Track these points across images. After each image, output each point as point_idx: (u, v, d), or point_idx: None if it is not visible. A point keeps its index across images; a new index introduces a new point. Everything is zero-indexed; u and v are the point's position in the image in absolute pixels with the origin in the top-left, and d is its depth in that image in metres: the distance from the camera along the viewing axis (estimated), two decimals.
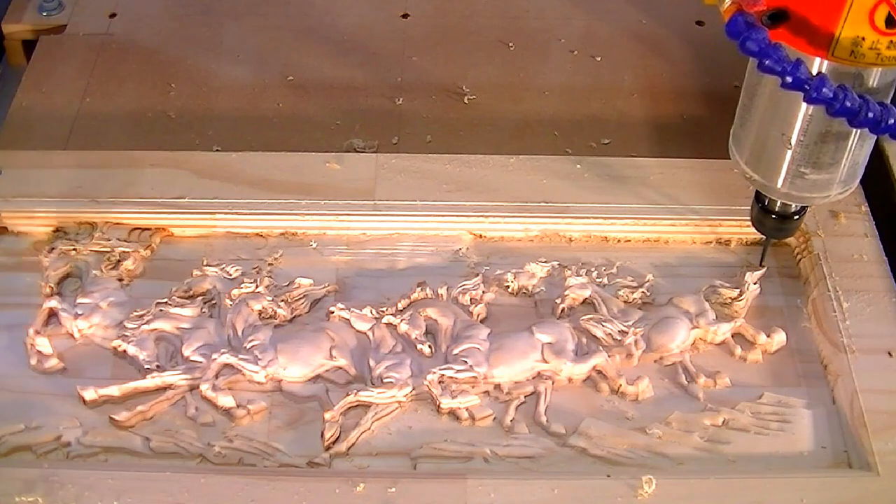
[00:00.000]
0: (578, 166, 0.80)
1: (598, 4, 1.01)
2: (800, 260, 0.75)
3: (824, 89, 0.53)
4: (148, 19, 0.98)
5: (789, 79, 0.53)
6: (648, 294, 0.73)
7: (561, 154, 0.83)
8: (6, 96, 0.90)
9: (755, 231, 0.76)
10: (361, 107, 0.89)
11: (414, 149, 0.84)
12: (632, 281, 0.73)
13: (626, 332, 0.69)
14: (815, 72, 0.54)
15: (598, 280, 0.73)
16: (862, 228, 0.76)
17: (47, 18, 0.96)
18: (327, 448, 0.64)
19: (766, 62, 0.53)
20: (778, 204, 0.68)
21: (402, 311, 0.71)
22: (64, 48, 0.94)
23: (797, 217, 0.69)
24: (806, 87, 0.53)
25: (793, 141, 0.62)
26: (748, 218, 0.75)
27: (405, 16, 0.99)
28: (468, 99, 0.90)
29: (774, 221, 0.69)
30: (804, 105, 0.60)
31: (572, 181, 0.78)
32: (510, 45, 0.96)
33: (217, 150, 0.84)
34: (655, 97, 0.91)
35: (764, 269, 0.73)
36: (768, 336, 0.70)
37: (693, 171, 0.79)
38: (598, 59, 0.95)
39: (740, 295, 0.71)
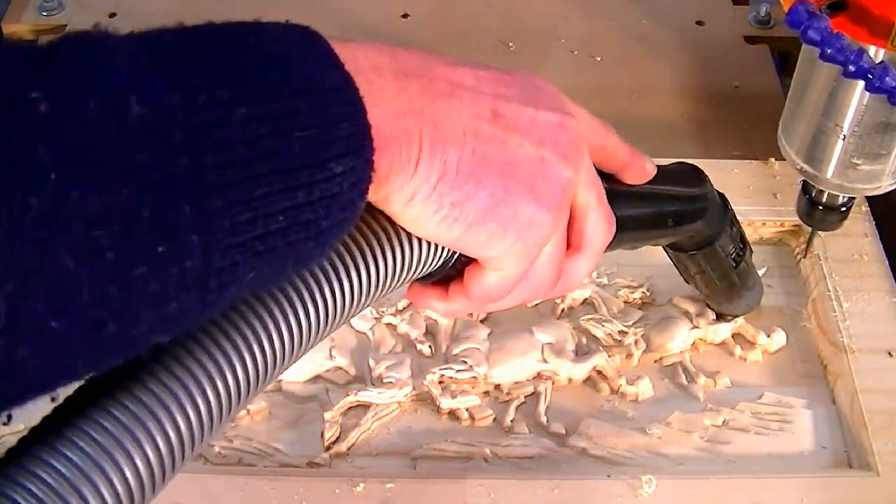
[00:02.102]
0: None
1: (598, 4, 1.00)
2: (800, 260, 0.75)
3: (887, 78, 0.53)
4: (148, 19, 0.96)
5: (852, 68, 0.53)
6: (648, 294, 0.73)
7: None
8: None
9: (755, 231, 0.76)
10: None
11: None
12: (632, 281, 0.73)
13: (626, 332, 0.69)
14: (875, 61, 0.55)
15: (597, 280, 0.73)
16: (862, 228, 0.76)
17: (47, 18, 0.96)
18: (327, 448, 0.64)
19: (829, 51, 0.53)
20: (826, 195, 0.68)
21: (402, 311, 0.71)
22: None
23: (844, 209, 0.69)
24: (869, 75, 0.53)
25: (845, 131, 0.62)
26: (748, 217, 0.75)
27: (405, 16, 0.99)
28: None
29: (821, 213, 0.69)
30: (858, 95, 0.60)
31: None
32: (510, 45, 0.96)
33: None
34: (655, 97, 0.91)
35: (764, 269, 0.73)
36: (768, 336, 0.70)
37: None
38: (598, 59, 0.95)
39: None
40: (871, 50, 0.56)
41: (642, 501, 0.60)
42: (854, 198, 0.69)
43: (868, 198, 0.77)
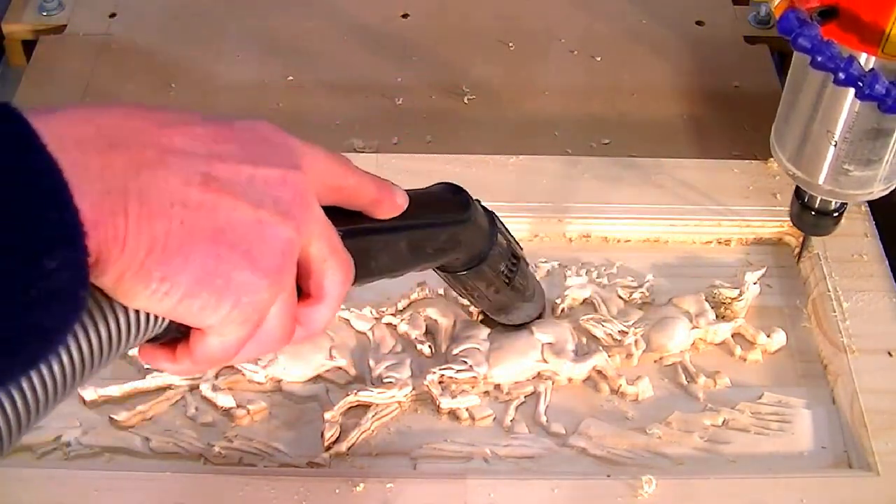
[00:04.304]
0: (578, 166, 0.80)
1: (598, 4, 1.01)
2: (800, 260, 0.75)
3: (877, 86, 0.53)
4: (148, 19, 0.98)
5: (842, 75, 0.53)
6: (648, 294, 0.73)
7: (561, 154, 0.83)
8: (6, 96, 0.90)
9: (755, 231, 0.76)
10: (361, 107, 0.89)
11: (414, 149, 0.84)
12: (632, 281, 0.73)
13: (626, 332, 0.69)
14: (865, 68, 0.55)
15: (598, 280, 0.73)
16: (862, 228, 0.76)
17: (47, 18, 0.96)
18: (327, 448, 0.64)
19: (819, 59, 0.53)
20: (818, 200, 0.68)
21: (402, 311, 0.71)
22: (64, 48, 0.94)
23: (836, 214, 0.69)
24: (859, 83, 0.53)
25: (837, 137, 0.62)
26: (749, 217, 0.75)
27: (405, 16, 0.99)
28: (468, 99, 0.90)
29: (814, 218, 0.69)
30: (850, 101, 0.60)
31: (572, 181, 0.78)
32: (510, 45, 0.96)
33: None
34: (655, 97, 0.91)
35: (764, 269, 0.73)
36: (768, 336, 0.70)
37: (693, 171, 0.79)
38: (598, 59, 0.95)
39: (740, 295, 0.71)
40: (863, 57, 0.57)
41: (642, 501, 0.60)
42: (847, 203, 0.69)
43: None
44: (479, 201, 0.58)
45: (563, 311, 0.72)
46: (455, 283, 0.61)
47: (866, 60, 0.57)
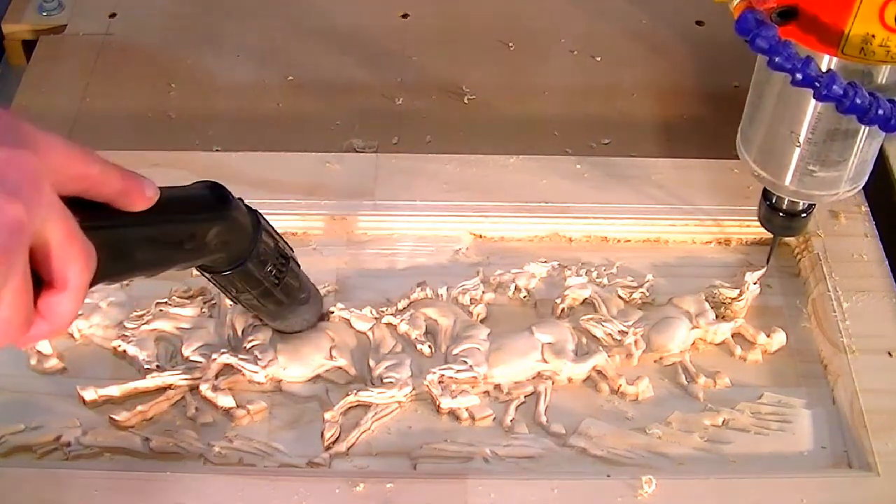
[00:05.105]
0: (578, 166, 0.80)
1: (598, 4, 1.01)
2: (800, 260, 0.76)
3: (834, 87, 0.53)
4: (148, 19, 0.98)
5: (799, 76, 0.53)
6: (648, 294, 0.73)
7: (561, 154, 0.83)
8: (6, 96, 0.90)
9: (755, 231, 0.76)
10: (361, 107, 0.89)
11: (414, 149, 0.84)
12: (632, 281, 0.73)
13: (626, 332, 0.69)
14: (824, 69, 0.54)
15: (598, 280, 0.73)
16: (862, 228, 0.76)
17: (47, 18, 0.96)
18: (327, 448, 0.64)
19: (777, 59, 0.53)
20: (786, 202, 0.68)
21: (402, 311, 0.71)
22: (64, 48, 0.94)
23: (805, 215, 0.69)
24: (816, 84, 0.53)
25: (801, 138, 0.62)
26: (748, 217, 0.75)
27: (405, 16, 0.99)
28: (468, 99, 0.90)
29: (782, 219, 0.69)
30: (813, 102, 0.60)
31: (572, 181, 0.78)
32: (510, 45, 0.96)
33: (217, 150, 0.84)
34: (655, 97, 0.91)
35: (764, 269, 0.73)
36: (768, 336, 0.70)
37: (693, 171, 0.79)
38: (598, 59, 0.95)
39: (740, 295, 0.71)
40: (824, 59, 0.56)
41: (642, 501, 0.60)
42: (814, 205, 0.69)
43: (868, 198, 0.77)
44: (241, 200, 0.57)
45: (563, 311, 0.72)
46: (223, 286, 0.60)
47: (827, 61, 0.57)
